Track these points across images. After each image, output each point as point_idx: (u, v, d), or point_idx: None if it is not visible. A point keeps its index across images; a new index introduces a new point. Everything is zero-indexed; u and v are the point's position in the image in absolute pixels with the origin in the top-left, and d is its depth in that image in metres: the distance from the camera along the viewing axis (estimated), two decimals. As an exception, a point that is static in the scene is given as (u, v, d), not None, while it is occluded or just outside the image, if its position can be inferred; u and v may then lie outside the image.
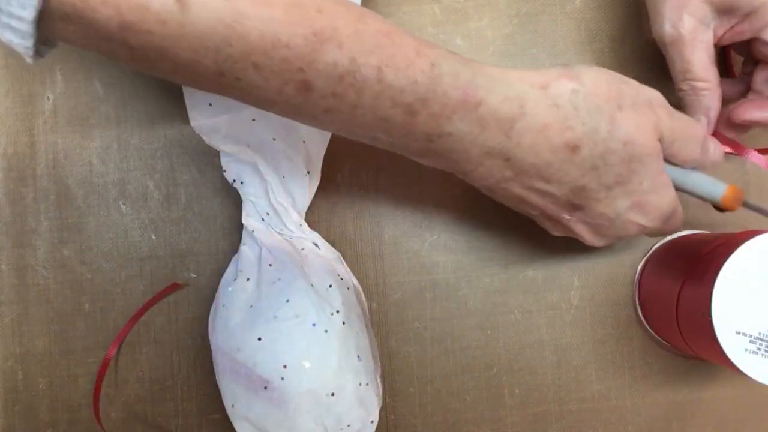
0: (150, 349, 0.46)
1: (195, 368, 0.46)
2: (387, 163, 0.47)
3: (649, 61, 0.47)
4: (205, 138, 0.41)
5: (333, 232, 0.46)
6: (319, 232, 0.45)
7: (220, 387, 0.41)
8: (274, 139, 0.41)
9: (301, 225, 0.43)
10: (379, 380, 0.44)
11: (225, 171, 0.43)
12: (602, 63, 0.47)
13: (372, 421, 0.41)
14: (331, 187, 0.47)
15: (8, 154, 0.46)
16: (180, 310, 0.46)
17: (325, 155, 0.46)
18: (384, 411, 0.46)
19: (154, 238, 0.46)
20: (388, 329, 0.46)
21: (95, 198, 0.46)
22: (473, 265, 0.47)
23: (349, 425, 0.40)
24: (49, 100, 0.47)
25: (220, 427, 0.46)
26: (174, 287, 0.46)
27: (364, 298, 0.44)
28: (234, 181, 0.43)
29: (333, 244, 0.46)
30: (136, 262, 0.46)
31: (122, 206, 0.46)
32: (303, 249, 0.42)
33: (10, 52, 0.47)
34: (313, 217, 0.46)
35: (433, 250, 0.47)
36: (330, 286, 0.40)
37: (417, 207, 0.47)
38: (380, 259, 0.47)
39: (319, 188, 0.46)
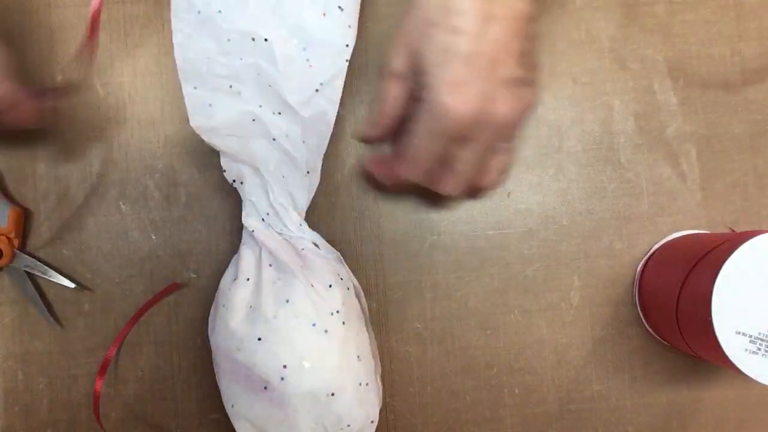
0: (150, 349, 0.46)
1: (195, 368, 0.46)
2: (387, 163, 0.47)
3: (650, 61, 0.47)
4: (204, 138, 0.41)
5: (333, 232, 0.46)
6: (319, 232, 0.45)
7: (220, 387, 0.41)
8: (274, 139, 0.41)
9: (301, 225, 0.43)
10: (379, 380, 0.43)
11: (225, 171, 0.43)
12: (602, 63, 0.47)
13: (372, 421, 0.41)
14: (331, 187, 0.47)
15: (8, 154, 0.46)
16: (180, 310, 0.46)
17: (325, 155, 0.46)
18: (384, 411, 0.46)
19: (154, 238, 0.46)
20: (388, 329, 0.46)
21: (95, 198, 0.46)
22: (473, 265, 0.47)
23: (349, 425, 0.40)
24: (49, 100, 0.47)
25: (220, 427, 0.46)
26: (174, 287, 0.46)
27: (364, 298, 0.44)
28: (234, 181, 0.43)
29: (333, 244, 0.46)
30: (136, 262, 0.46)
31: (122, 206, 0.46)
32: (303, 249, 0.42)
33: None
34: (313, 217, 0.46)
35: (433, 250, 0.47)
36: (330, 286, 0.40)
37: (417, 207, 0.47)
38: (380, 259, 0.47)
39: (319, 188, 0.46)
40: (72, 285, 0.45)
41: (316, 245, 0.43)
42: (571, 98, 0.47)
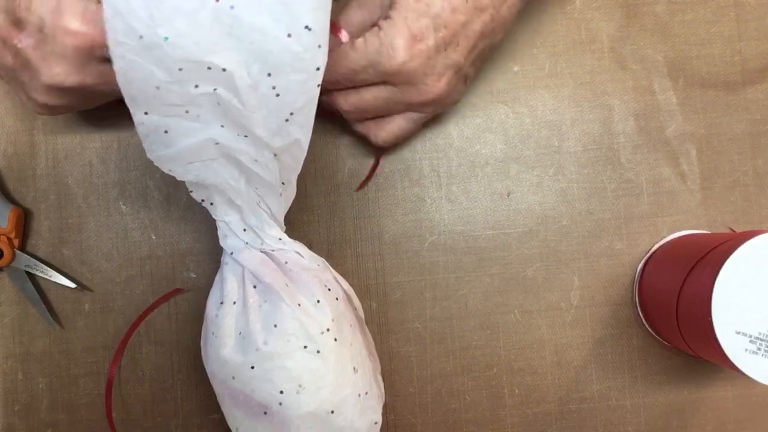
0: (150, 349, 0.46)
1: (195, 368, 0.46)
2: (387, 163, 0.47)
3: (650, 61, 0.47)
4: (164, 169, 0.37)
5: (333, 232, 0.46)
6: (319, 233, 0.45)
7: (222, 410, 0.41)
8: (242, 161, 0.38)
9: (281, 239, 0.41)
10: (379, 378, 0.43)
11: (192, 192, 0.40)
12: (602, 63, 0.47)
13: (375, 423, 0.41)
14: (331, 187, 0.47)
15: (8, 154, 0.46)
16: (180, 310, 0.46)
17: (325, 155, 0.46)
18: (384, 411, 0.46)
19: (154, 238, 0.46)
20: (388, 329, 0.46)
21: (95, 198, 0.46)
22: (473, 265, 0.47)
23: None
24: (49, 100, 0.46)
25: (220, 427, 0.46)
26: (175, 292, 0.46)
27: (356, 299, 0.43)
28: (203, 201, 0.40)
29: (333, 244, 0.46)
30: (136, 262, 0.46)
31: (122, 206, 0.46)
32: (287, 262, 0.41)
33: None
34: (313, 217, 0.46)
35: (433, 250, 0.47)
36: (318, 301, 0.39)
37: (417, 207, 0.47)
38: (380, 259, 0.47)
39: (319, 188, 0.46)
40: (72, 285, 0.45)
41: (299, 254, 0.41)
42: (571, 98, 0.47)
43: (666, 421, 0.46)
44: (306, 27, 0.32)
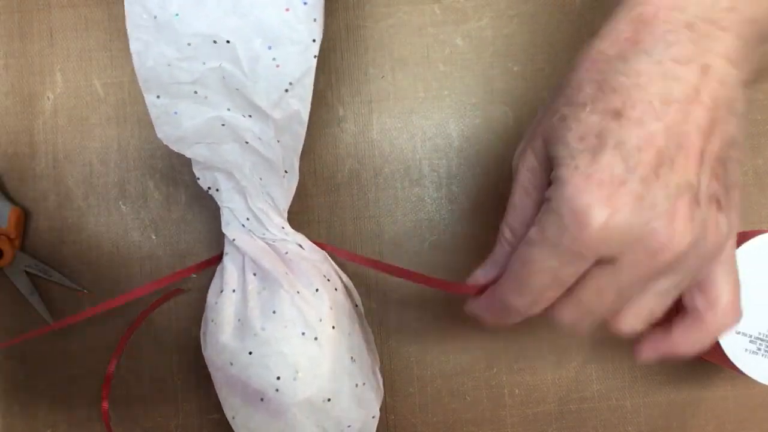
0: (150, 349, 0.46)
1: (195, 368, 0.46)
2: (387, 164, 0.47)
3: (649, 61, 0.47)
4: (173, 148, 0.40)
5: (333, 232, 0.46)
6: (319, 232, 0.45)
7: (220, 399, 0.41)
8: (247, 142, 0.40)
9: (283, 228, 0.42)
10: (378, 374, 0.43)
11: (199, 179, 0.42)
12: (602, 63, 0.47)
13: (373, 417, 0.41)
14: (331, 187, 0.47)
15: (8, 154, 0.46)
16: (180, 310, 0.46)
17: (325, 155, 0.46)
18: (384, 411, 0.46)
19: (154, 238, 0.46)
20: (388, 329, 0.46)
21: (95, 198, 0.46)
22: (473, 265, 0.47)
23: (349, 426, 0.40)
24: (49, 100, 0.47)
25: (220, 427, 0.46)
26: (176, 292, 0.46)
27: (356, 294, 0.44)
28: (209, 188, 0.42)
29: (333, 244, 0.46)
30: (136, 262, 0.46)
31: (122, 206, 0.46)
32: (287, 253, 0.41)
33: (10, 51, 0.47)
34: (312, 217, 0.46)
35: (433, 250, 0.47)
36: (317, 290, 0.40)
37: (417, 207, 0.47)
38: (380, 259, 0.47)
39: (319, 188, 0.46)
40: (72, 285, 0.45)
41: (300, 246, 0.42)
42: (571, 98, 0.47)
43: (666, 421, 0.46)
44: (303, 1, 0.36)
